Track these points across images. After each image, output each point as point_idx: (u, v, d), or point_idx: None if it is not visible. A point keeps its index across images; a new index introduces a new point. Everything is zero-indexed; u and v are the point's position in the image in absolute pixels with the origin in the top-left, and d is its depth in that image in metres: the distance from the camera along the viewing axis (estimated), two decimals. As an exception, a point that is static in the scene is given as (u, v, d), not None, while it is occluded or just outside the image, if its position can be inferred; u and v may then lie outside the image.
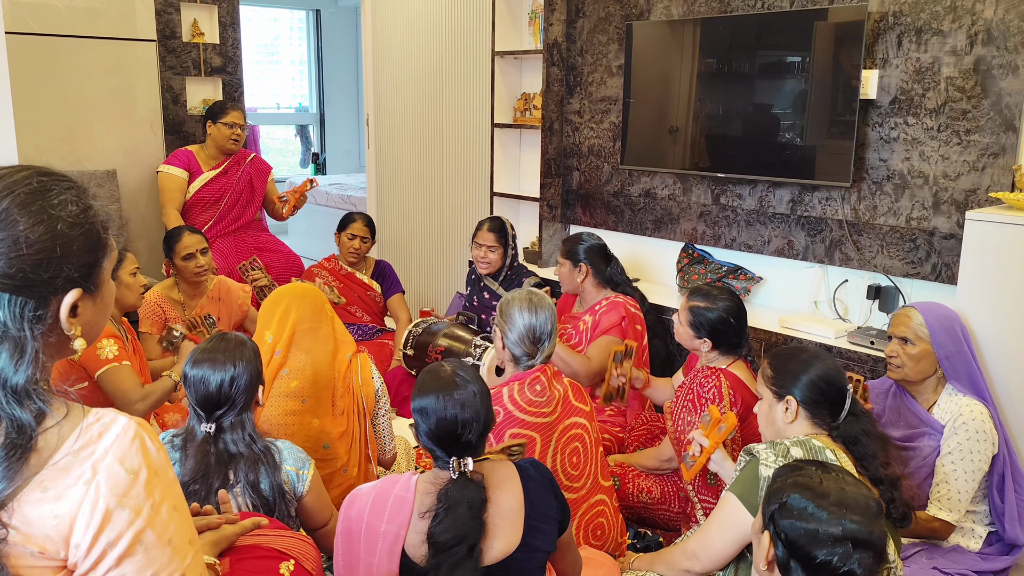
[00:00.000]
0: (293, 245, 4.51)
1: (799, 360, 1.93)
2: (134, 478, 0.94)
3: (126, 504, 0.93)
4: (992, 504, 2.32)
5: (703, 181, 3.78)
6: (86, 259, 1.00)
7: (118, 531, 0.92)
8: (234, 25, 4.43)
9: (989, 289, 2.48)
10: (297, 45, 8.58)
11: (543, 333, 2.26)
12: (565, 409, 2.24)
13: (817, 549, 1.31)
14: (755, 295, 3.66)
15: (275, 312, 2.38)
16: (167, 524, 0.97)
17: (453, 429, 1.59)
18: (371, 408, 2.45)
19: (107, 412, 0.97)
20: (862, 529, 1.31)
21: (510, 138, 4.63)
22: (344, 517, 1.66)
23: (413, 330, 3.54)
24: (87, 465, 0.92)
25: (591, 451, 2.28)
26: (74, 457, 0.93)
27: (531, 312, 2.24)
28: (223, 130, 3.91)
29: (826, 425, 1.90)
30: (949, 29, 2.93)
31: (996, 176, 2.88)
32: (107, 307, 1.07)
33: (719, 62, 3.57)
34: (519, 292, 2.33)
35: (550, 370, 2.27)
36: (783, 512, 1.37)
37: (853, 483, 1.40)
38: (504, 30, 4.43)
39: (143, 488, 0.94)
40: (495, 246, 3.61)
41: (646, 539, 2.56)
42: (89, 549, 0.92)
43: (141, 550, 0.94)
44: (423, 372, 1.70)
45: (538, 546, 1.63)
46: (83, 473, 0.92)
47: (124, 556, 0.93)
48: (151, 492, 0.95)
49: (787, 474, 1.43)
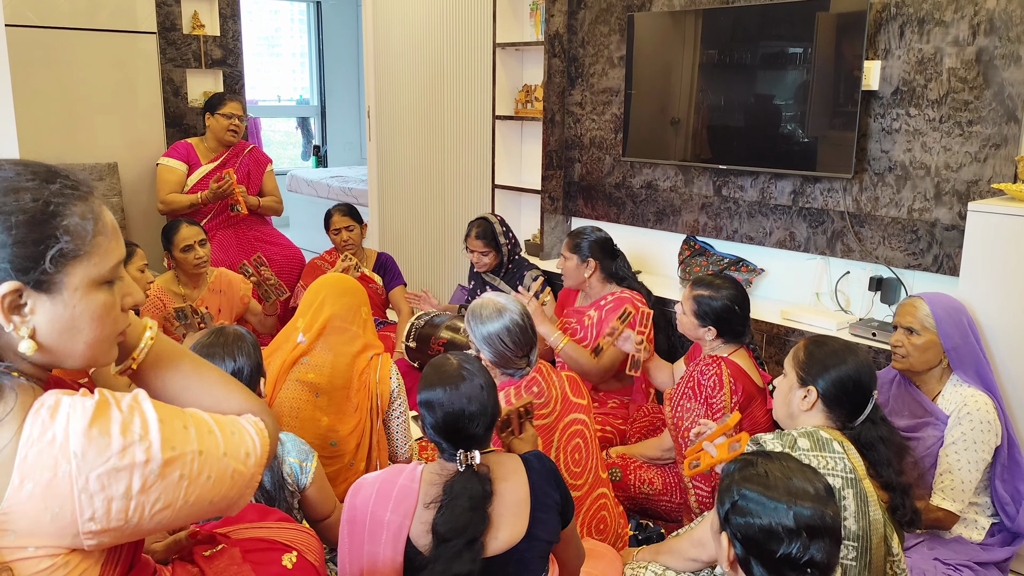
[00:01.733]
0: (294, 238, 4.52)
1: (834, 353, 1.89)
2: (108, 437, 0.93)
3: (113, 459, 0.92)
4: (995, 495, 2.32)
5: (705, 173, 3.77)
6: (27, 251, 0.94)
7: (125, 485, 0.93)
8: (234, 17, 4.42)
9: (991, 280, 2.48)
10: (298, 37, 8.56)
11: (527, 334, 2.14)
12: (564, 407, 2.23)
13: (774, 544, 1.30)
14: (757, 287, 3.66)
15: (312, 302, 2.40)
16: (167, 440, 0.97)
17: (459, 422, 1.59)
18: (384, 406, 2.44)
19: (49, 395, 0.95)
20: (814, 515, 1.30)
21: (511, 130, 4.62)
22: (349, 506, 1.66)
23: (415, 322, 3.54)
24: (56, 451, 0.91)
25: (591, 445, 2.28)
26: (39, 446, 0.91)
27: (506, 317, 2.12)
28: (221, 121, 3.91)
29: (840, 423, 1.88)
30: (951, 19, 2.92)
31: (998, 167, 2.87)
32: (78, 325, 0.99)
33: (721, 53, 3.56)
34: (478, 308, 2.16)
35: (545, 367, 2.22)
36: (735, 511, 1.35)
37: (799, 469, 1.38)
38: (505, 21, 4.42)
39: (120, 434, 0.93)
40: (486, 250, 3.61)
41: (648, 530, 2.56)
42: (107, 510, 0.92)
43: (158, 482, 0.95)
44: (429, 365, 1.69)
45: (541, 536, 1.63)
46: (58, 464, 0.91)
47: (142, 493, 0.94)
48: (127, 431, 0.94)
49: (735, 471, 1.41)
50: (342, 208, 3.91)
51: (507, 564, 1.60)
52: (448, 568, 1.51)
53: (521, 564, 1.62)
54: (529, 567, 1.63)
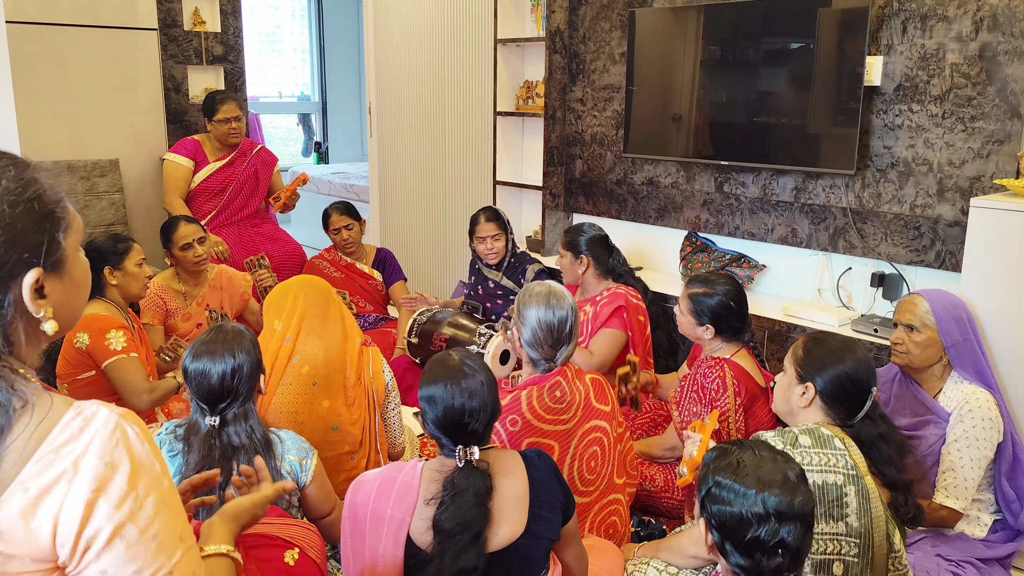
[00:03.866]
0: (296, 235, 4.52)
1: (832, 351, 1.89)
2: (113, 471, 0.91)
3: (106, 498, 0.90)
4: (999, 492, 2.32)
5: (706, 169, 3.77)
6: (36, 238, 0.95)
7: (98, 525, 0.90)
8: (235, 13, 4.41)
9: (994, 276, 2.47)
10: (299, 33, 8.55)
11: (561, 334, 2.15)
12: (586, 413, 2.17)
13: (745, 529, 1.35)
14: (759, 283, 3.66)
15: (284, 302, 2.39)
16: (152, 519, 0.93)
17: (460, 418, 1.59)
18: (381, 401, 2.45)
19: (89, 405, 0.94)
20: (782, 501, 1.35)
21: (512, 126, 4.62)
22: (350, 503, 1.66)
23: (418, 318, 3.54)
24: (68, 462, 0.89)
25: (608, 453, 2.23)
26: (55, 455, 0.90)
27: (548, 309, 2.14)
28: (219, 127, 3.91)
29: (839, 421, 1.89)
30: (954, 15, 2.91)
31: (1001, 163, 2.86)
32: (79, 284, 1.03)
33: (722, 49, 3.55)
34: (537, 287, 2.20)
35: (571, 370, 2.19)
36: (711, 499, 1.41)
37: (771, 457, 1.43)
38: (506, 17, 4.41)
39: (125, 481, 0.91)
40: (498, 234, 3.60)
41: (649, 527, 2.57)
42: (74, 546, 0.90)
43: (122, 544, 0.91)
44: (431, 361, 1.69)
45: (542, 533, 1.64)
46: (65, 472, 0.89)
47: (104, 549, 0.90)
48: (133, 485, 0.92)
49: (712, 460, 1.47)
50: (339, 207, 3.90)
51: (509, 560, 1.60)
52: (454, 562, 1.51)
53: (524, 560, 1.62)
54: (531, 564, 1.63)
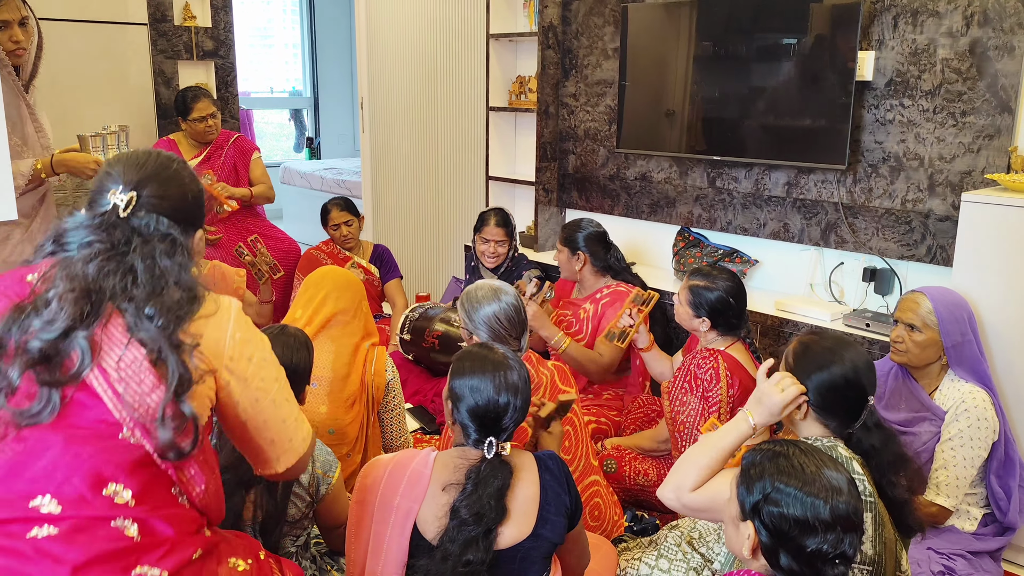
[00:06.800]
0: (289, 230, 4.49)
1: (814, 356, 1.77)
2: (248, 326, 1.42)
3: (248, 336, 1.40)
4: (989, 489, 2.32)
5: (699, 164, 3.77)
6: (201, 211, 1.46)
7: (250, 349, 1.40)
8: (226, 8, 4.38)
9: (985, 271, 2.48)
10: (290, 28, 8.51)
11: (520, 318, 2.20)
12: (552, 395, 2.24)
13: (809, 538, 1.30)
14: (751, 278, 3.67)
15: (316, 295, 2.37)
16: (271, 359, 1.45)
17: (498, 410, 1.61)
18: (379, 399, 2.44)
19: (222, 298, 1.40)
20: (848, 508, 1.30)
21: (505, 121, 4.61)
22: (360, 486, 1.67)
23: (410, 315, 3.54)
24: (232, 315, 1.39)
25: (580, 433, 2.29)
26: (213, 316, 1.37)
27: (500, 302, 2.18)
28: (195, 126, 3.83)
29: (838, 431, 1.77)
30: (945, 10, 2.92)
31: (992, 158, 2.88)
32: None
33: (715, 44, 3.55)
34: (477, 290, 2.23)
35: (533, 356, 2.26)
36: (769, 502, 1.34)
37: (830, 461, 1.38)
38: (499, 12, 4.40)
39: (253, 332, 1.42)
40: (504, 240, 3.55)
41: (643, 521, 2.57)
42: (232, 351, 1.36)
43: (261, 357, 1.41)
44: (471, 351, 1.70)
45: (547, 536, 1.64)
46: (223, 323, 1.37)
47: (254, 356, 1.40)
48: (255, 336, 1.43)
49: (767, 462, 1.38)
50: (339, 203, 3.87)
51: (512, 560, 1.61)
52: (463, 553, 1.51)
53: (526, 562, 1.62)
54: (533, 565, 1.63)
